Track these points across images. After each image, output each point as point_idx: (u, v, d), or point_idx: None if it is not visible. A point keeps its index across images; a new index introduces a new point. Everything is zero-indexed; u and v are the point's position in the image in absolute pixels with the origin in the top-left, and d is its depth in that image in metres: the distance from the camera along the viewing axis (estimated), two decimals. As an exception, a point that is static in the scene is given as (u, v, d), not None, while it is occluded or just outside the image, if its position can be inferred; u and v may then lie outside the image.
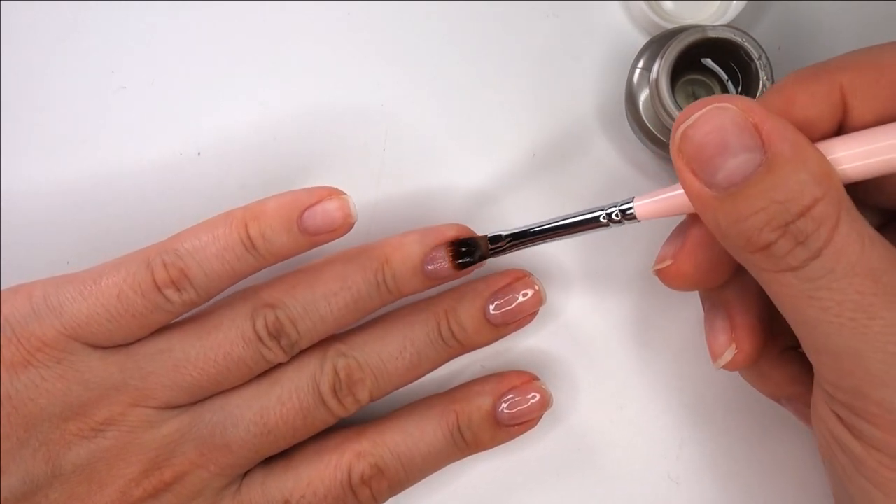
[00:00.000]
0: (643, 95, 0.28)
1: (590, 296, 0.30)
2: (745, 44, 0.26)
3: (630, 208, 0.23)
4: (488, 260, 0.27)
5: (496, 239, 0.26)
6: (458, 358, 0.28)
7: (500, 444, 0.28)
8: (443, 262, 0.26)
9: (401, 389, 0.29)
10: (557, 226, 0.25)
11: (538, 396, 0.27)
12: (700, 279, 0.23)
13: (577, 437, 0.30)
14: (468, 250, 0.26)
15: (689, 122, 0.19)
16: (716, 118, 0.19)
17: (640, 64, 0.29)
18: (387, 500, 0.27)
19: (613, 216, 0.24)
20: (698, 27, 0.27)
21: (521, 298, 0.27)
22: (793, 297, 0.19)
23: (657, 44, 0.28)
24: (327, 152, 0.30)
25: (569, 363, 0.30)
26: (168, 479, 0.25)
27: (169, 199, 0.30)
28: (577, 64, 0.31)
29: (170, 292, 0.24)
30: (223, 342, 0.25)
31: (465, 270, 0.26)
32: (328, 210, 0.25)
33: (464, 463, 0.29)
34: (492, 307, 0.27)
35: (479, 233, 0.27)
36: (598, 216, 0.24)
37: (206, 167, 0.30)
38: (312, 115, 0.30)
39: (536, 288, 0.28)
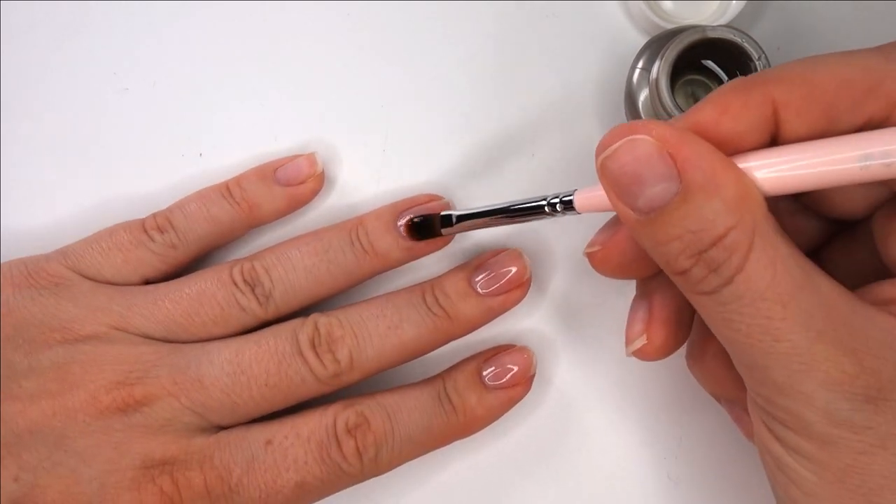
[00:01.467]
0: (643, 95, 0.29)
1: (588, 290, 0.30)
2: (745, 44, 0.26)
3: (570, 199, 0.23)
4: (476, 239, 0.28)
5: (448, 217, 0.27)
6: (453, 353, 0.28)
7: (489, 413, 0.27)
8: (406, 224, 0.28)
9: (396, 382, 0.29)
10: (503, 209, 0.26)
11: (524, 356, 0.28)
12: (625, 269, 0.23)
13: (576, 437, 0.30)
14: (422, 221, 0.28)
15: (606, 153, 0.19)
16: (631, 151, 0.19)
17: (640, 64, 0.29)
18: (372, 462, 0.26)
19: (557, 206, 0.24)
20: (698, 27, 0.27)
21: (505, 267, 0.28)
22: (709, 316, 0.20)
23: (657, 44, 0.28)
24: (327, 152, 0.30)
25: (567, 361, 0.30)
26: (138, 396, 0.25)
27: (171, 199, 0.30)
28: (577, 64, 0.31)
29: (154, 233, 0.28)
30: (199, 281, 0.27)
31: (431, 242, 0.28)
32: (297, 162, 0.29)
33: (461, 459, 0.29)
34: (476, 276, 0.28)
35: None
36: (542, 205, 0.24)
37: (207, 167, 0.30)
38: (312, 115, 0.31)
39: (521, 258, 0.28)
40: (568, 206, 0.23)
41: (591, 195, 0.23)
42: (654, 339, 0.23)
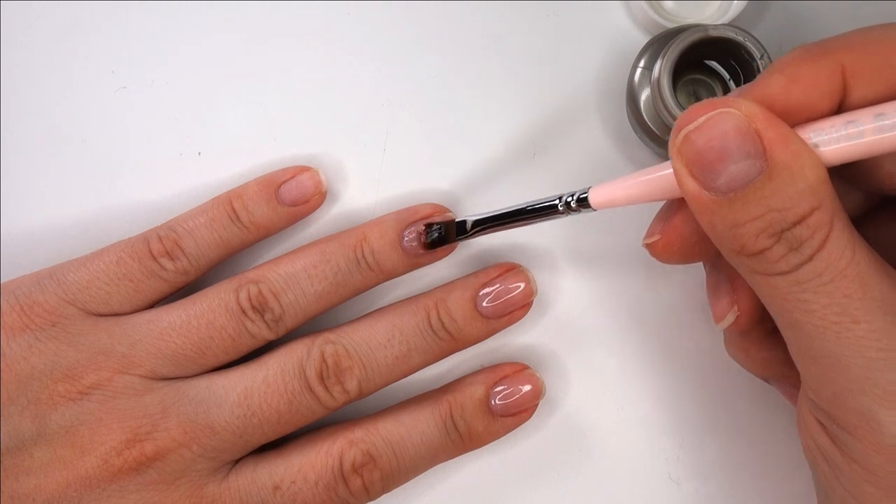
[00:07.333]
0: (644, 95, 0.28)
1: (588, 293, 0.30)
2: (747, 43, 0.26)
3: (585, 196, 0.23)
4: (477, 247, 0.27)
5: (462, 224, 0.27)
6: (455, 356, 0.28)
7: (494, 437, 0.28)
8: (419, 236, 0.27)
9: (398, 390, 0.29)
10: (517, 211, 0.25)
11: (530, 386, 0.28)
12: (688, 253, 0.23)
13: (577, 438, 0.29)
14: (439, 231, 0.27)
15: (693, 125, 0.19)
16: (720, 124, 0.18)
17: (642, 63, 0.29)
18: (380, 493, 0.26)
19: (571, 204, 0.23)
20: (699, 26, 0.26)
21: (511, 289, 0.28)
22: (780, 298, 0.19)
23: (658, 43, 0.28)
24: (327, 152, 0.30)
25: (567, 362, 0.30)
26: (150, 452, 0.25)
27: (169, 198, 0.30)
28: (578, 64, 0.31)
29: (164, 260, 0.26)
30: (206, 311, 0.26)
31: (435, 252, 0.27)
32: (301, 181, 0.28)
33: (463, 462, 0.29)
34: (482, 298, 0.27)
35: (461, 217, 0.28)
36: (555, 204, 0.24)
37: (206, 167, 0.30)
38: (312, 115, 0.30)
39: (528, 280, 0.28)
40: (583, 203, 0.23)
41: (608, 189, 0.22)
42: (745, 308, 0.23)
